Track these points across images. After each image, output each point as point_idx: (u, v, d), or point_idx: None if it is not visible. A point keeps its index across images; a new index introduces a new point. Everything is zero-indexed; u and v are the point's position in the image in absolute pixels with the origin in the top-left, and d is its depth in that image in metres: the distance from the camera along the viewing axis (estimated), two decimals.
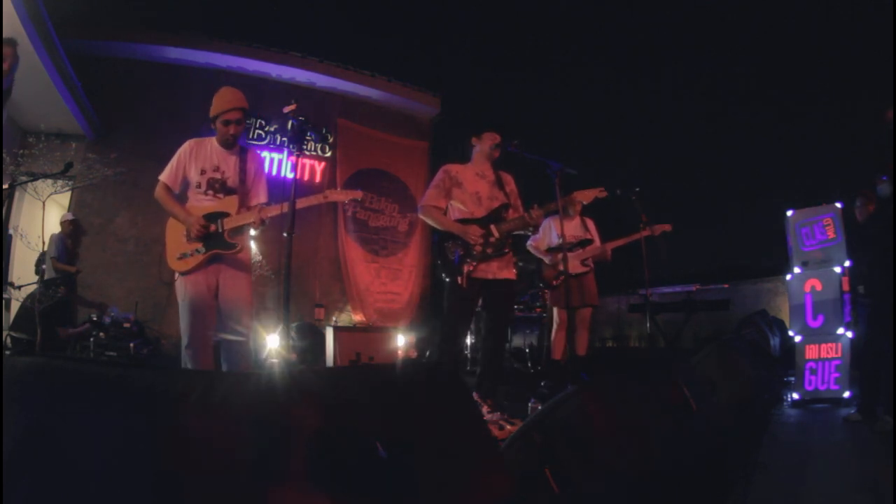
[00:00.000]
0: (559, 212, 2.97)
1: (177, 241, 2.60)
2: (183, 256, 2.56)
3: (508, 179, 3.26)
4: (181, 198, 2.71)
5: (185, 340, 2.56)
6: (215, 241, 2.57)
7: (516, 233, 3.13)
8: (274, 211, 2.58)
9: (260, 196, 2.75)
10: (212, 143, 2.73)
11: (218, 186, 2.66)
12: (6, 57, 2.69)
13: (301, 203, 2.51)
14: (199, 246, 2.56)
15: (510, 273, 3.07)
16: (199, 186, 2.65)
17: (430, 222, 3.13)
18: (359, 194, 2.79)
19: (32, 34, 4.66)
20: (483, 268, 2.97)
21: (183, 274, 2.57)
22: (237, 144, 2.76)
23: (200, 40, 7.77)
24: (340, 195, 2.79)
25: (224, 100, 2.65)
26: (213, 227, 2.56)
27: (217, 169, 2.67)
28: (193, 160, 2.67)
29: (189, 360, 2.56)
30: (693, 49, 10.52)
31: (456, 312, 2.99)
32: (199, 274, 2.56)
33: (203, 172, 2.66)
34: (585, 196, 3.19)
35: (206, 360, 2.60)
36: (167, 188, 2.67)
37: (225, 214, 2.61)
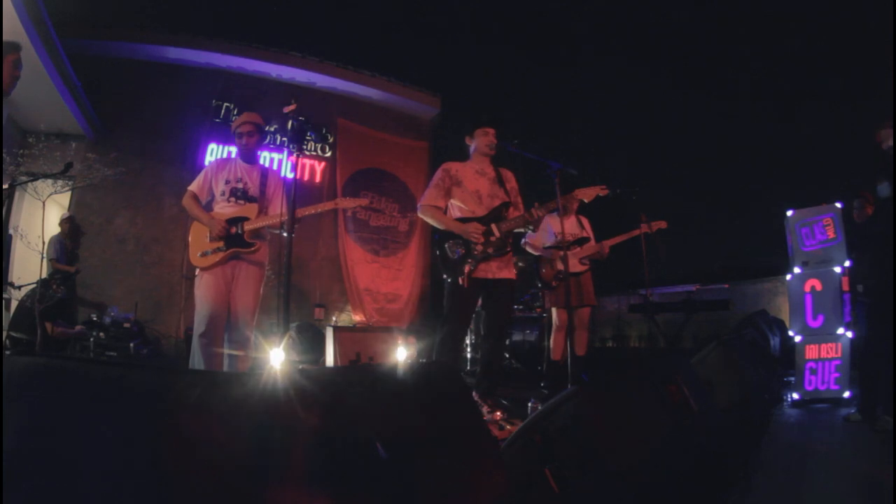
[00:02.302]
0: (558, 211, 2.97)
1: (200, 241, 2.93)
2: (204, 254, 2.89)
3: (509, 176, 3.24)
4: (207, 208, 3.05)
5: (201, 329, 2.78)
6: (235, 241, 2.90)
7: (516, 231, 3.13)
8: (307, 211, 2.87)
9: (278, 207, 3.06)
10: (236, 160, 3.13)
11: (240, 194, 3.01)
12: (15, 63, 2.70)
13: (312, 210, 2.89)
14: (220, 245, 2.89)
15: (510, 273, 3.06)
16: (223, 194, 3.01)
17: (430, 222, 3.11)
18: (364, 201, 3.19)
19: (32, 34, 4.66)
20: (483, 267, 2.96)
21: (204, 269, 2.88)
22: (258, 162, 3.16)
23: (200, 40, 7.77)
24: (349, 202, 3.09)
25: (247, 115, 3.12)
26: (233, 229, 2.89)
27: (240, 180, 3.04)
28: (219, 174, 3.05)
29: (201, 348, 2.77)
30: (694, 49, 10.52)
31: (456, 312, 2.98)
32: (218, 269, 2.88)
33: (227, 182, 3.03)
34: (587, 194, 3.20)
35: (218, 351, 2.83)
36: (195, 197, 3.02)
37: (245, 219, 2.93)
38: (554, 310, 4.48)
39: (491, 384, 3.00)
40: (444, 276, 3.01)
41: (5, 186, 4.35)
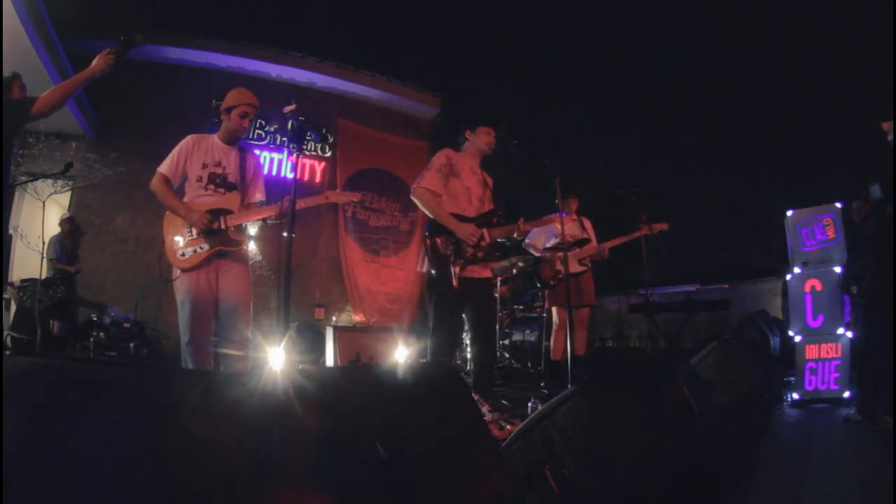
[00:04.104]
0: (559, 212, 2.97)
1: (178, 237, 2.57)
2: (185, 253, 2.54)
3: (489, 182, 3.24)
4: (178, 193, 2.69)
5: (186, 337, 2.52)
6: (219, 238, 2.56)
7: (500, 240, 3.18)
8: (299, 204, 2.52)
9: (258, 194, 2.78)
10: (213, 139, 2.75)
11: (219, 181, 2.66)
12: (21, 86, 2.71)
13: (303, 203, 2.54)
14: (203, 242, 2.54)
15: (489, 272, 3.13)
16: (199, 180, 2.64)
17: (423, 207, 2.98)
18: (357, 196, 2.86)
19: (32, 34, 4.66)
20: (469, 268, 2.98)
21: (184, 270, 2.54)
22: (237, 143, 2.79)
23: (200, 40, 7.78)
24: (341, 196, 2.80)
25: (242, 94, 2.73)
26: (216, 224, 2.55)
27: (219, 164, 2.68)
28: (195, 153, 2.67)
29: (190, 356, 2.53)
30: (693, 49, 10.52)
31: (448, 311, 2.97)
32: (201, 271, 2.54)
33: (205, 166, 2.66)
34: (541, 223, 3.34)
35: (207, 357, 2.57)
36: (167, 180, 2.63)
37: (228, 211, 2.61)
38: (554, 309, 4.49)
39: (488, 384, 3.01)
40: (432, 271, 2.97)
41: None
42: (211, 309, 2.57)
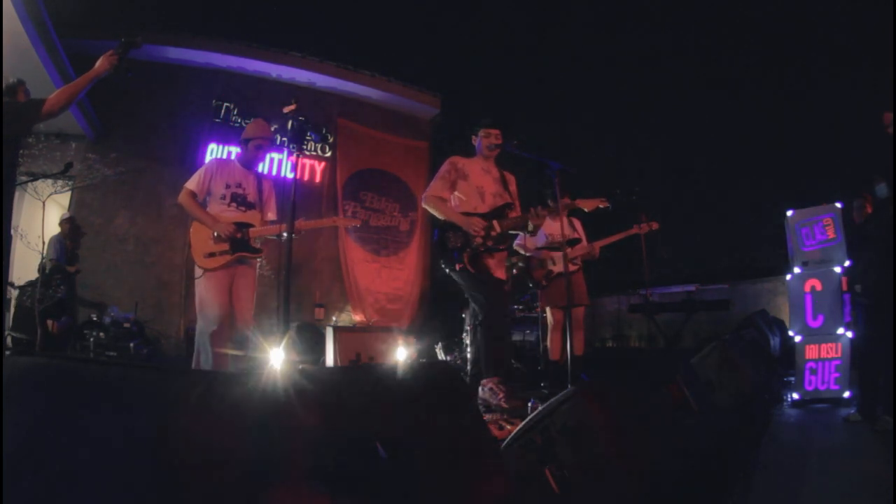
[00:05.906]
0: (558, 212, 2.98)
1: (204, 242, 2.97)
2: (211, 255, 2.94)
3: (511, 179, 3.31)
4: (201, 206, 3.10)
5: (212, 327, 2.85)
6: (241, 246, 3.00)
7: (511, 232, 3.18)
8: (308, 225, 3.01)
9: (270, 213, 3.23)
10: (234, 163, 3.20)
11: (240, 200, 3.09)
12: (25, 91, 2.84)
13: (308, 225, 2.99)
14: (226, 247, 2.95)
15: (502, 273, 3.13)
16: (223, 198, 3.06)
17: (433, 212, 3.15)
18: (357, 222, 3.61)
19: (32, 34, 4.66)
20: (486, 261, 3.01)
21: (208, 270, 2.94)
22: (254, 168, 3.24)
23: (200, 40, 7.77)
24: (346, 222, 3.72)
25: (259, 127, 3.20)
26: (239, 234, 2.99)
27: (240, 185, 3.11)
28: (219, 175, 3.08)
29: (212, 346, 2.84)
30: (693, 49, 10.53)
31: (490, 302, 2.95)
32: (221, 272, 2.95)
33: (228, 186, 3.07)
34: (587, 205, 3.28)
35: (224, 344, 2.92)
36: (193, 195, 3.03)
37: (250, 225, 3.04)
38: (548, 309, 4.49)
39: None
40: (444, 267, 3.06)
41: None
42: (230, 306, 2.97)
